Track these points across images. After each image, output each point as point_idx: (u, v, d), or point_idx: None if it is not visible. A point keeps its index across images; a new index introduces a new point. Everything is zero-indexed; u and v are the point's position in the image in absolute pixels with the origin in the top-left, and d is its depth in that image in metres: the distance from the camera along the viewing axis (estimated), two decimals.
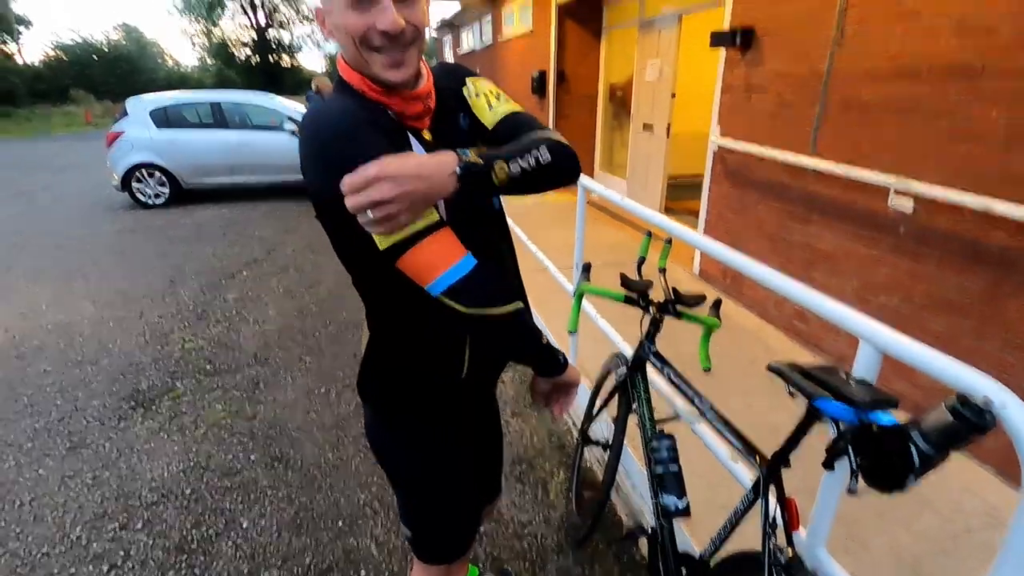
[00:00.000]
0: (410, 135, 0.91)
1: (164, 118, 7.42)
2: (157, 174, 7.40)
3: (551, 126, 7.50)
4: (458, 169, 0.77)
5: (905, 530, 1.85)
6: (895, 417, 0.84)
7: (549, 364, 1.03)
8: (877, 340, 0.99)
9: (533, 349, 0.99)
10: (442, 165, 0.77)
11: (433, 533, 1.17)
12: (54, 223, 6.77)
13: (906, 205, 2.41)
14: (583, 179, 2.26)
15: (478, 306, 0.84)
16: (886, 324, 1.00)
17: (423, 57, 0.93)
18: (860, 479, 0.87)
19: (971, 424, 0.78)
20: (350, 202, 0.73)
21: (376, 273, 0.91)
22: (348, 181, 0.72)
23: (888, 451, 0.82)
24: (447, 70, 1.03)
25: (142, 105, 7.45)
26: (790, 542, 1.04)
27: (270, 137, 7.71)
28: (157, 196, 7.50)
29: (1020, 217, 1.95)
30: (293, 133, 7.68)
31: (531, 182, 0.85)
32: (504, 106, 1.00)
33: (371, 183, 0.71)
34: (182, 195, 7.66)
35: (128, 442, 2.58)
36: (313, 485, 2.30)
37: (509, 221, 1.13)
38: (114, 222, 6.85)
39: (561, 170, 0.90)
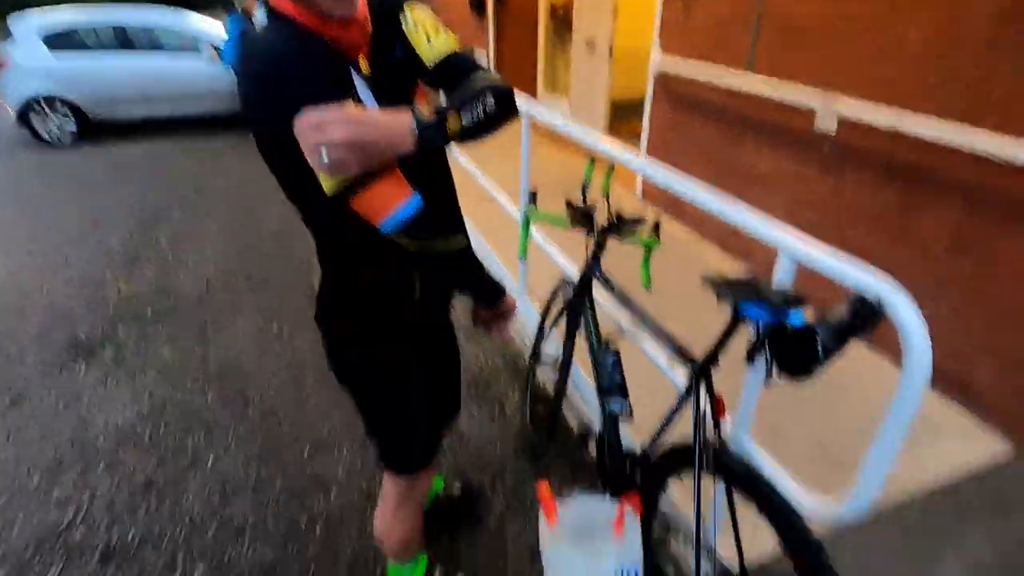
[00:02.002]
0: (350, 68, 0.90)
1: (59, 41, 6.60)
2: (59, 105, 6.67)
3: (491, 46, 7.19)
4: (415, 127, 0.79)
5: (820, 419, 2.12)
6: (805, 315, 0.96)
7: (490, 293, 1.12)
8: (791, 249, 1.12)
9: (476, 280, 1.08)
10: (399, 122, 0.78)
11: (397, 444, 1.26)
12: None
13: (831, 127, 2.54)
14: (527, 106, 2.25)
15: (424, 239, 0.89)
16: (810, 238, 1.11)
17: None
18: (775, 371, 1.00)
19: (865, 317, 0.91)
20: (308, 138, 0.73)
21: (324, 211, 0.92)
22: (306, 118, 0.72)
23: (798, 345, 0.95)
24: None
25: (30, 26, 6.57)
26: (719, 432, 1.19)
27: (185, 63, 7.04)
28: (62, 132, 6.80)
29: (924, 134, 2.12)
30: (212, 58, 7.04)
31: (479, 130, 0.87)
32: (442, 43, 0.98)
33: (330, 122, 0.72)
34: (93, 130, 6.98)
35: (74, 393, 2.52)
36: (275, 419, 2.35)
37: (455, 151, 1.15)
38: (10, 164, 6.16)
39: (504, 116, 0.91)
